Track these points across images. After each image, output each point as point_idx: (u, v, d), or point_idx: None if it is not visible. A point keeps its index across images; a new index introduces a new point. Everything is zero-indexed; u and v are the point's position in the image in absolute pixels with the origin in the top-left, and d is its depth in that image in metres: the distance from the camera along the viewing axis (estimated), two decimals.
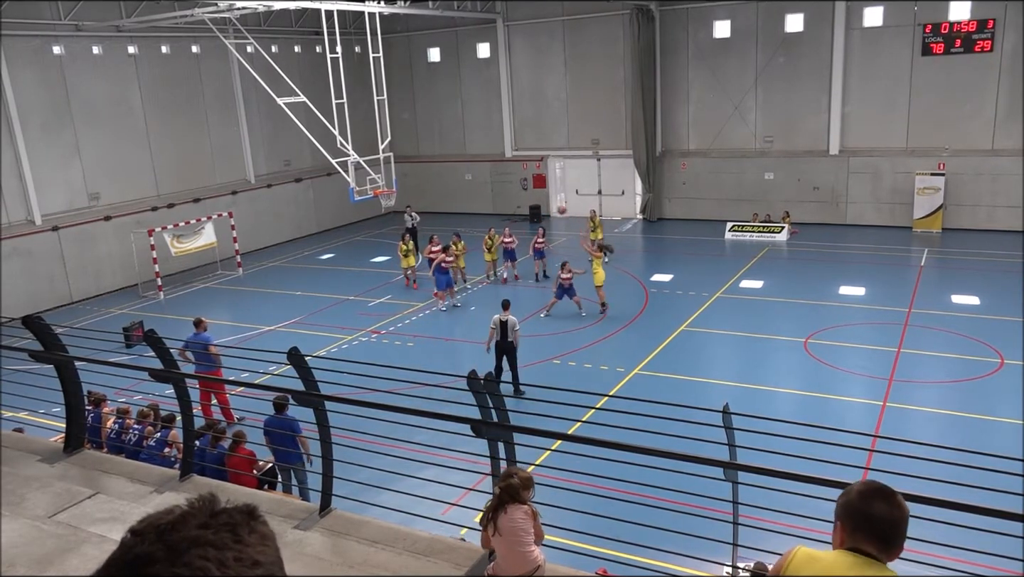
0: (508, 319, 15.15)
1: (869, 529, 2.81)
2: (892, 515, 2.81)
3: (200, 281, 26.25)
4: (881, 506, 2.81)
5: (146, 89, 26.81)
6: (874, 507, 2.81)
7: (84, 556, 5.28)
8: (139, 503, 6.44)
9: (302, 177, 32.82)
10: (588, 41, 32.10)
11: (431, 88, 36.02)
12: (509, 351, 15.20)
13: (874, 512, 2.81)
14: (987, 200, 26.95)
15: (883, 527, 2.80)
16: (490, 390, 5.53)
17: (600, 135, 32.90)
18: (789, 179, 29.74)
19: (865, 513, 2.82)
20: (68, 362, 7.49)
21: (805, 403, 14.57)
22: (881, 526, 2.80)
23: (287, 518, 6.25)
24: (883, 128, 28.10)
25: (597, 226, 25.77)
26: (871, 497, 2.84)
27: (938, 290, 20.94)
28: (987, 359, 16.03)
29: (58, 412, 8.40)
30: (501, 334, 15.16)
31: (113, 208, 25.79)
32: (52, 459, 7.49)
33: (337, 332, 19.80)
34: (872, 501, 2.83)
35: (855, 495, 2.87)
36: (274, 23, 30.62)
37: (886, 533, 2.80)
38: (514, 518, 5.43)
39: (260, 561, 1.17)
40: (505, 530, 5.41)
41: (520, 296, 21.94)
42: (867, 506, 2.83)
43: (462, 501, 8.10)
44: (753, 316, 19.65)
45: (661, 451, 4.98)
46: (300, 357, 6.13)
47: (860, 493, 2.87)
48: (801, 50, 28.66)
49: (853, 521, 2.83)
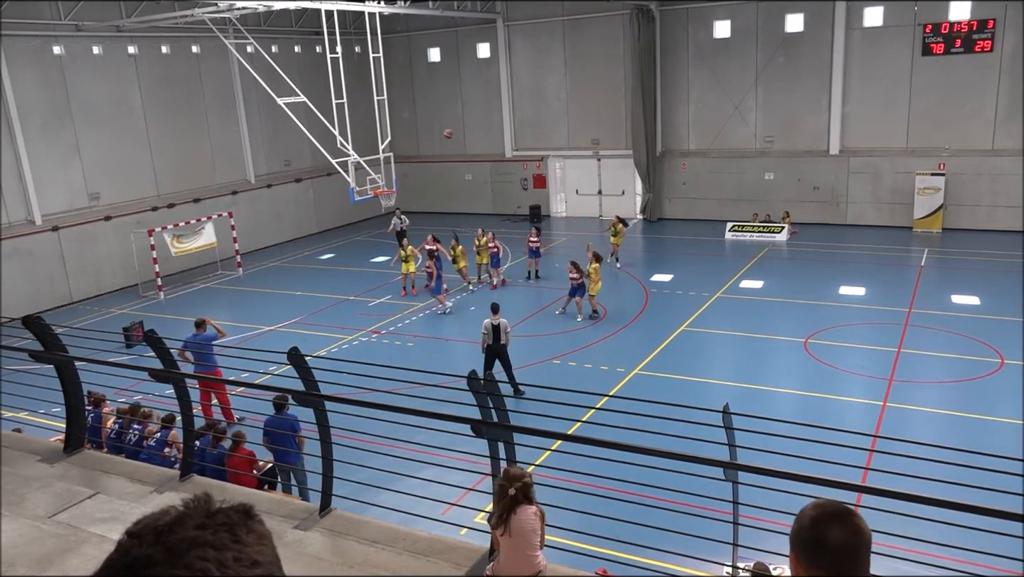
0: (499, 322, 15.11)
1: (824, 560, 2.41)
2: (848, 541, 2.41)
3: (200, 281, 26.25)
4: (837, 532, 2.41)
5: (146, 89, 26.81)
6: (829, 534, 2.41)
7: (84, 556, 5.27)
8: (139, 503, 6.44)
9: (302, 177, 32.83)
10: (588, 41, 32.10)
11: (431, 88, 36.03)
12: (501, 353, 15.15)
13: (829, 540, 2.41)
14: (987, 200, 26.95)
15: (840, 556, 2.40)
16: (490, 390, 5.53)
17: (600, 135, 32.90)
18: (789, 179, 29.74)
19: (819, 541, 2.42)
20: (68, 362, 7.49)
21: (805, 403, 14.56)
22: (838, 555, 2.40)
23: (287, 518, 6.25)
24: (883, 128, 28.10)
25: (618, 232, 24.81)
26: (825, 522, 2.44)
27: (938, 290, 20.94)
28: (987, 359, 16.03)
29: (58, 412, 8.40)
30: (493, 337, 15.12)
31: (113, 208, 25.80)
32: (52, 459, 7.49)
33: (337, 332, 19.80)
34: (826, 527, 2.43)
35: (807, 521, 2.47)
36: (274, 23, 30.62)
37: (843, 563, 2.40)
38: (525, 519, 5.41)
39: (259, 561, 1.16)
40: (516, 531, 5.39)
41: (509, 298, 21.95)
42: (821, 533, 2.42)
43: (462, 501, 8.11)
44: (753, 316, 19.65)
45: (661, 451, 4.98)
46: (300, 357, 6.13)
47: (812, 519, 2.47)
48: (801, 50, 28.66)
49: (807, 552, 2.44)
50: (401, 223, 27.27)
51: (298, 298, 23.46)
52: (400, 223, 27.25)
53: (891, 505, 4.25)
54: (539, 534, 5.48)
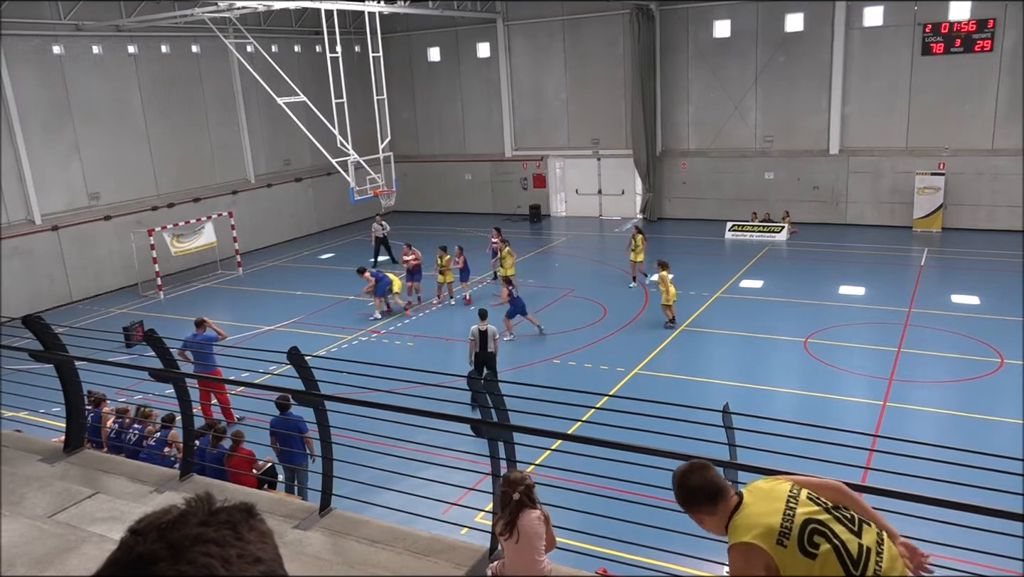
0: (487, 328, 14.95)
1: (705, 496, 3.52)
2: (704, 478, 3.56)
3: (200, 281, 26.25)
4: (696, 477, 3.58)
5: (146, 89, 26.81)
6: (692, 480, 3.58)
7: (84, 556, 5.27)
8: (139, 503, 6.44)
9: (302, 177, 32.83)
10: (588, 41, 32.09)
11: (431, 88, 36.02)
12: (489, 362, 14.77)
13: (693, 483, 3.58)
14: (987, 200, 26.95)
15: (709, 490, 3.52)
16: (490, 390, 5.53)
17: (600, 135, 32.90)
18: (789, 179, 29.74)
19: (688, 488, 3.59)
20: (68, 362, 7.49)
21: (805, 403, 14.57)
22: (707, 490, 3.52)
23: (287, 518, 6.25)
24: (883, 128, 28.09)
25: (639, 247, 22.28)
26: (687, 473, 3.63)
27: (938, 290, 20.94)
28: (987, 359, 16.03)
29: (58, 412, 8.40)
30: (480, 344, 14.89)
31: (113, 208, 25.79)
32: (52, 459, 7.50)
33: (337, 332, 19.79)
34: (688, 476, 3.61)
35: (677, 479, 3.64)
36: (274, 23, 30.62)
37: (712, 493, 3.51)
38: (530, 523, 5.38)
39: (261, 558, 1.17)
40: (522, 535, 5.36)
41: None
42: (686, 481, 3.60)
43: (462, 501, 8.11)
44: (753, 316, 19.65)
45: (661, 451, 4.98)
46: (300, 357, 6.13)
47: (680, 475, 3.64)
48: (801, 50, 28.65)
49: (696, 499, 3.56)
50: (383, 229, 26.55)
51: (298, 298, 23.46)
52: (382, 229, 26.51)
53: (891, 505, 4.24)
54: (543, 538, 5.45)
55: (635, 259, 22.35)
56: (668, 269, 18.54)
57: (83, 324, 20.77)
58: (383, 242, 26.48)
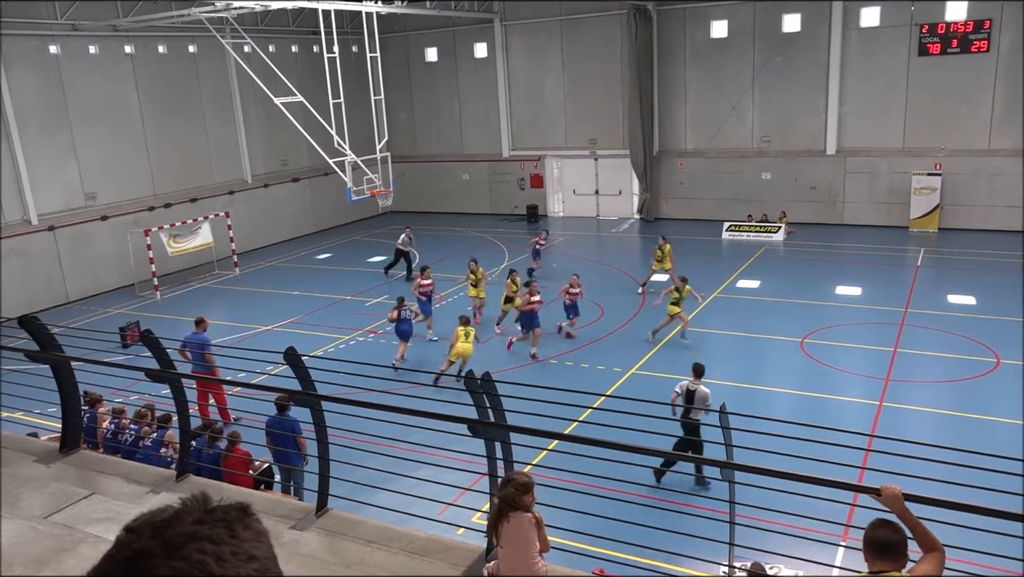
0: (697, 388, 12.90)
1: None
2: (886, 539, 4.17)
3: (197, 281, 26.21)
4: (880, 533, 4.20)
5: (143, 89, 26.77)
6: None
7: (80, 556, 5.26)
8: (135, 503, 6.43)
9: (299, 177, 32.80)
10: (585, 41, 32.10)
11: (428, 88, 36.01)
12: (693, 429, 13.03)
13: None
14: (984, 200, 26.99)
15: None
16: (487, 390, 5.52)
17: (597, 135, 32.91)
18: (786, 179, 29.77)
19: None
20: (64, 362, 7.48)
21: (802, 403, 14.58)
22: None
23: (283, 518, 6.25)
24: (880, 128, 28.14)
25: (666, 256, 21.23)
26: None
27: (934, 290, 20.97)
28: (983, 358, 16.06)
29: (54, 412, 8.37)
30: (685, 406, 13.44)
31: (110, 208, 25.75)
32: (48, 459, 7.48)
33: (334, 332, 19.78)
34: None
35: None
36: (271, 23, 30.59)
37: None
38: (518, 527, 5.32)
39: (256, 556, 1.18)
40: (509, 541, 5.32)
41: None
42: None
43: (459, 501, 8.10)
44: (750, 316, 19.66)
45: (658, 451, 4.98)
46: (297, 357, 6.13)
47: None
48: (798, 50, 28.68)
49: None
50: (411, 242, 25.11)
51: (295, 298, 23.44)
52: (410, 242, 25.04)
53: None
54: (535, 542, 5.37)
55: (660, 267, 21.37)
56: (686, 282, 18.05)
57: (80, 324, 20.73)
58: (405, 256, 24.72)
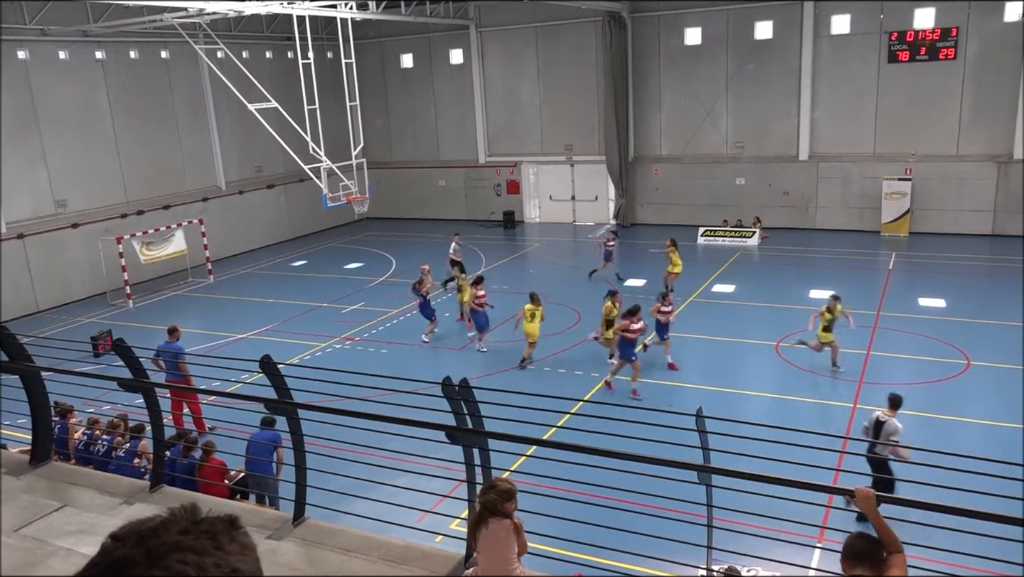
0: (888, 420, 12.76)
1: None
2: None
3: (170, 289, 25.92)
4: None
5: (114, 94, 26.45)
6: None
7: (51, 570, 5.18)
8: (108, 515, 6.33)
9: (274, 183, 32.57)
10: (561, 48, 32.24)
11: (404, 94, 35.94)
12: (882, 466, 12.37)
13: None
14: (953, 204, 27.46)
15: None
16: (464, 396, 5.52)
17: (573, 141, 33.04)
18: (760, 184, 30.08)
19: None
20: (34, 372, 7.36)
21: (776, 406, 14.71)
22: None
23: (260, 528, 6.19)
24: (851, 134, 28.54)
25: (677, 262, 21.23)
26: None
27: (906, 293, 21.27)
28: (954, 360, 16.31)
29: (24, 423, 8.23)
30: (874, 436, 12.62)
31: (81, 215, 25.39)
32: (18, 472, 7.35)
33: (310, 339, 19.64)
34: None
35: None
36: (245, 28, 30.38)
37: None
38: (497, 533, 5.30)
39: (239, 569, 1.18)
40: (487, 546, 5.31)
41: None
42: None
43: (437, 508, 8.07)
44: (725, 320, 19.82)
45: (636, 455, 5.00)
46: (273, 365, 6.08)
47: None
48: (770, 57, 29.03)
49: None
50: (462, 249, 24.01)
51: (270, 305, 23.24)
52: (461, 250, 23.93)
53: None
54: (513, 547, 5.35)
55: (673, 270, 21.34)
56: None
57: (50, 333, 20.39)
58: (459, 265, 22.96)
